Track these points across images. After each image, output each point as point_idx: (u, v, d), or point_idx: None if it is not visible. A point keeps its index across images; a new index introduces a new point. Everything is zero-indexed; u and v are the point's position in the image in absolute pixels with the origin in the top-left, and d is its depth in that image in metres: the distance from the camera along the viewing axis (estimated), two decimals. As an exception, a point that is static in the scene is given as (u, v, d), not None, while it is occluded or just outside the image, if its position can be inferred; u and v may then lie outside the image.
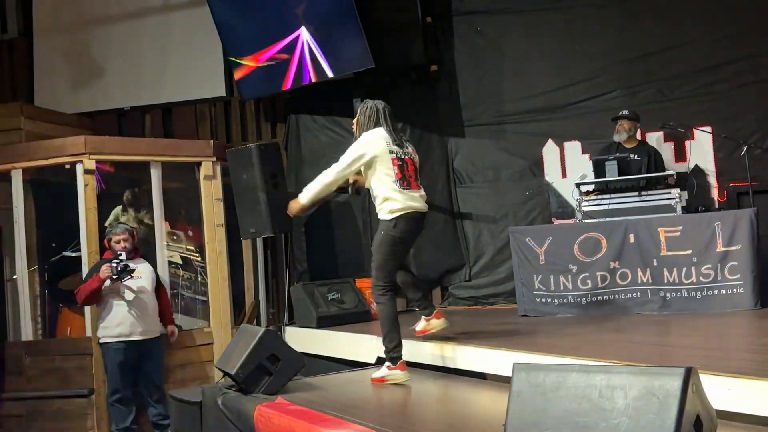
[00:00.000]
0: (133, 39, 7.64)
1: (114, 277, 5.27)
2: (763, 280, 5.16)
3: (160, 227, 6.38)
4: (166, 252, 6.41)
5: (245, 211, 6.29)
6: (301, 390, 4.21)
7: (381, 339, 4.26)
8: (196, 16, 7.42)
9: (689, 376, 2.15)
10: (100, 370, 5.76)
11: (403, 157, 4.25)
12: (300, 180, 7.36)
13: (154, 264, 5.95)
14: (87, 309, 5.91)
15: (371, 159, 4.21)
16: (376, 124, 4.29)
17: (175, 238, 6.73)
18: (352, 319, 6.17)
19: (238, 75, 7.09)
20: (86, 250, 5.97)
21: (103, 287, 5.35)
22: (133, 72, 7.62)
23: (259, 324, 6.69)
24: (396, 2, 6.71)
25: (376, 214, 4.33)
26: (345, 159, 4.27)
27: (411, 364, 4.54)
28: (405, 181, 4.23)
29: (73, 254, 6.24)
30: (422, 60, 6.83)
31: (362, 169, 4.29)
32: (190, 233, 6.80)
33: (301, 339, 6.03)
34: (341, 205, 7.29)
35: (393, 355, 4.20)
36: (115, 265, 5.26)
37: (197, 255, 6.73)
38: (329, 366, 5.44)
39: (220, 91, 7.51)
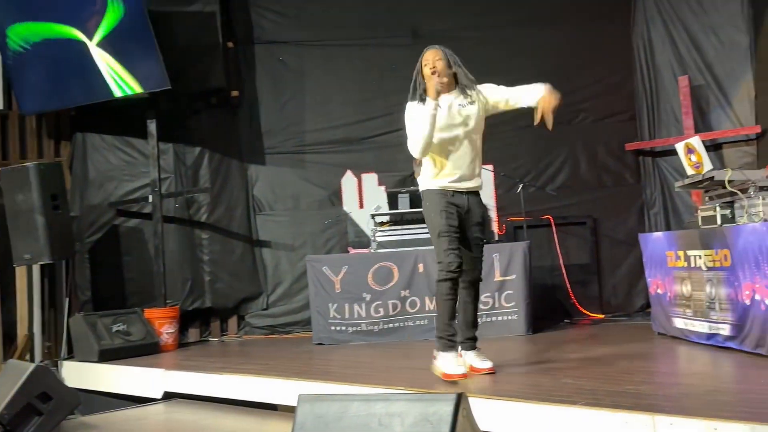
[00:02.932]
0: None
1: None
2: (534, 307, 5.67)
3: None
4: None
5: (20, 235, 5.81)
6: (76, 430, 3.93)
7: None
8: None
9: (460, 401, 2.28)
10: None
11: None
12: (85, 201, 6.88)
13: None
14: None
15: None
16: None
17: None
18: (139, 351, 5.84)
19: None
20: None
21: None
22: None
23: (32, 359, 6.12)
24: (196, 24, 6.57)
25: (477, 176, 4.05)
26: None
27: (202, 398, 4.38)
28: None
29: None
30: (222, 84, 6.76)
31: (483, 113, 4.04)
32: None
33: (81, 374, 5.60)
34: (131, 230, 6.90)
35: None
36: None
37: (-40, 283, 6.03)
38: (111, 403, 5.10)
39: (-4, 104, 6.81)
